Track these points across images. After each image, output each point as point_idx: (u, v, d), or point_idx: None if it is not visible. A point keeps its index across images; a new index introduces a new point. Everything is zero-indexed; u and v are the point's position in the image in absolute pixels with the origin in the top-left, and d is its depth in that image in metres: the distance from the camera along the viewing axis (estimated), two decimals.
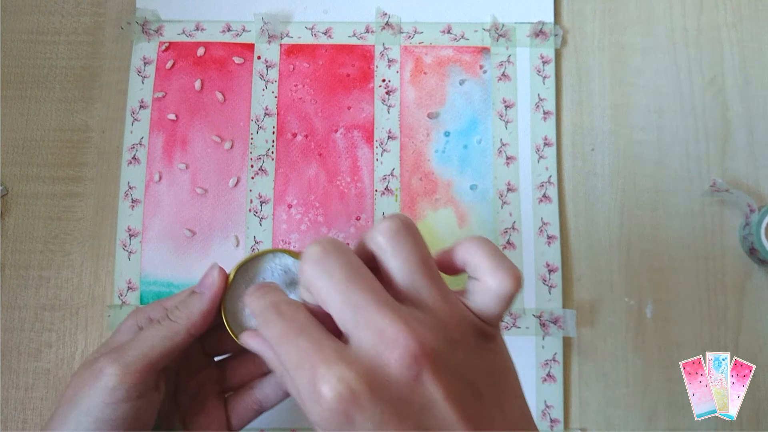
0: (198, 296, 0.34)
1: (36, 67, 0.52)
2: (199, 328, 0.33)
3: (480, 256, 0.27)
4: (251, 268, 0.36)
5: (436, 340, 0.24)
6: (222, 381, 0.37)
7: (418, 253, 0.26)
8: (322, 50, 0.52)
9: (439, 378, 0.23)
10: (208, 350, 0.38)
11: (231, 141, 0.50)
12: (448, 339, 0.25)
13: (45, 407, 0.47)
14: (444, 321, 0.25)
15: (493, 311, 0.27)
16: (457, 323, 0.26)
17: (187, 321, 0.33)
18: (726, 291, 0.49)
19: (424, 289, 0.26)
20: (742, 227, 0.49)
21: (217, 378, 0.37)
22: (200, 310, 0.33)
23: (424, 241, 0.27)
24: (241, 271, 0.35)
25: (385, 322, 0.23)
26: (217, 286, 0.34)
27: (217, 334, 0.36)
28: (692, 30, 0.52)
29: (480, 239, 0.27)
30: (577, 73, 0.52)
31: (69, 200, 0.50)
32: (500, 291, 0.26)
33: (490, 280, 0.26)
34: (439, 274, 0.27)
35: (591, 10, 0.53)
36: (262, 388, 0.36)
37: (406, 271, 0.26)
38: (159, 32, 0.52)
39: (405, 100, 0.51)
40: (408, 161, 0.50)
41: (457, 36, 0.52)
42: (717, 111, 0.51)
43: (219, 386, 0.37)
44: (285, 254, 0.36)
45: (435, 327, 0.25)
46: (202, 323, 0.33)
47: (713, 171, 0.50)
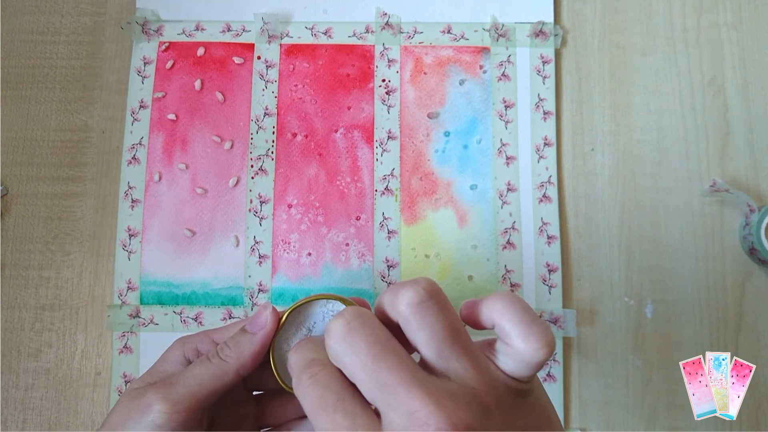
0: (250, 336, 0.33)
1: (36, 67, 0.52)
2: (248, 369, 0.33)
3: (510, 321, 0.26)
4: (303, 312, 0.35)
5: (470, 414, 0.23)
6: (259, 418, 0.37)
7: (445, 323, 0.25)
8: (322, 50, 0.52)
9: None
10: (249, 386, 0.37)
11: (231, 141, 0.50)
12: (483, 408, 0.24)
13: (45, 407, 0.47)
14: (477, 390, 0.25)
15: (525, 374, 0.26)
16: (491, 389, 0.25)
17: (237, 361, 0.33)
18: (726, 291, 0.49)
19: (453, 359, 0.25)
20: (742, 227, 0.49)
21: (255, 415, 0.37)
22: (251, 351, 0.33)
23: (451, 307, 0.26)
24: (293, 314, 0.35)
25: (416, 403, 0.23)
26: (270, 328, 0.33)
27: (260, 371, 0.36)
28: (692, 30, 0.52)
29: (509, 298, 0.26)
30: (577, 73, 0.52)
31: (69, 200, 0.50)
32: (532, 359, 0.25)
33: (522, 347, 0.25)
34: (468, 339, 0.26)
35: (591, 10, 0.53)
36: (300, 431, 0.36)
37: (434, 343, 0.25)
38: (159, 32, 0.52)
39: (405, 100, 0.51)
40: (408, 161, 0.50)
41: (457, 36, 0.52)
42: (717, 111, 0.51)
43: (256, 423, 0.37)
44: (337, 301, 0.35)
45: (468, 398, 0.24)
46: (252, 364, 0.33)
47: (713, 171, 0.50)
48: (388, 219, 0.49)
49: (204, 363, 0.33)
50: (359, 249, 0.49)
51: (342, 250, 0.49)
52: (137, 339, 0.48)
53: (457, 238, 0.49)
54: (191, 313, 0.48)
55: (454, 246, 0.49)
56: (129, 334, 0.48)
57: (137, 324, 0.48)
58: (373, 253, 0.49)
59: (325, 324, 0.35)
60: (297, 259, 0.49)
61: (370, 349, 0.24)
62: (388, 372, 0.24)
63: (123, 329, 0.48)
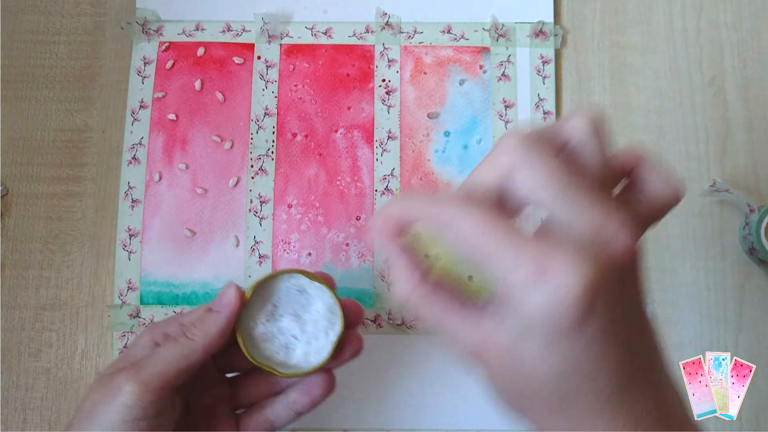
0: (215, 315, 0.34)
1: (36, 67, 0.52)
2: (215, 346, 0.34)
3: (651, 166, 0.26)
4: (267, 288, 0.36)
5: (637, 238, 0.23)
6: (234, 398, 0.37)
7: (553, 168, 0.23)
8: (322, 50, 0.52)
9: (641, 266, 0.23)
10: (221, 367, 0.38)
11: (231, 141, 0.50)
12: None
13: (45, 407, 0.47)
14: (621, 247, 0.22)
15: (657, 218, 0.27)
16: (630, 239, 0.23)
17: (203, 339, 0.33)
18: (726, 291, 0.49)
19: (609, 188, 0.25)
20: (742, 227, 0.49)
21: (229, 395, 0.37)
22: (217, 329, 0.34)
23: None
24: (258, 291, 0.36)
25: (607, 217, 0.22)
26: (234, 305, 0.34)
27: (231, 352, 0.36)
28: (692, 30, 0.52)
29: (644, 150, 0.26)
30: (577, 73, 0.52)
31: (69, 200, 0.50)
32: (670, 199, 0.26)
33: (662, 187, 0.26)
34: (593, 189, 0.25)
35: (591, 10, 0.53)
36: (274, 407, 0.36)
37: (602, 162, 0.24)
38: (159, 32, 0.52)
39: (405, 100, 0.51)
40: (408, 161, 0.50)
41: (457, 36, 0.52)
42: (717, 111, 0.51)
43: (230, 404, 0.37)
44: (300, 275, 0.36)
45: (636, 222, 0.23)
46: (218, 342, 0.34)
47: (713, 171, 0.50)
48: None
49: (171, 343, 0.33)
50: (359, 249, 0.49)
51: (342, 250, 0.49)
52: None
53: None
54: None
55: (454, 246, 0.49)
56: (129, 334, 0.48)
57: (137, 324, 0.48)
58: (373, 253, 0.49)
59: (290, 300, 0.36)
60: (297, 259, 0.49)
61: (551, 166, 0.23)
62: (578, 187, 0.22)
63: (123, 329, 0.48)
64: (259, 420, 0.36)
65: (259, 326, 0.36)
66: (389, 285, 0.34)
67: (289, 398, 0.36)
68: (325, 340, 0.36)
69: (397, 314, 0.48)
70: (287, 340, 0.36)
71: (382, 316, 0.48)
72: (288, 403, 0.36)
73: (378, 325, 0.48)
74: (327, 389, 0.36)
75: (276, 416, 0.36)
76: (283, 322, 0.36)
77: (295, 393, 0.36)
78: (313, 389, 0.36)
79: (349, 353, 0.36)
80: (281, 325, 0.36)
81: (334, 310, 0.36)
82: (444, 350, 0.47)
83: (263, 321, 0.36)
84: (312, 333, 0.36)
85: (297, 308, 0.36)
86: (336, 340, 0.35)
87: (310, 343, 0.36)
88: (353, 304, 0.37)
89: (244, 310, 0.35)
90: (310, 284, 0.36)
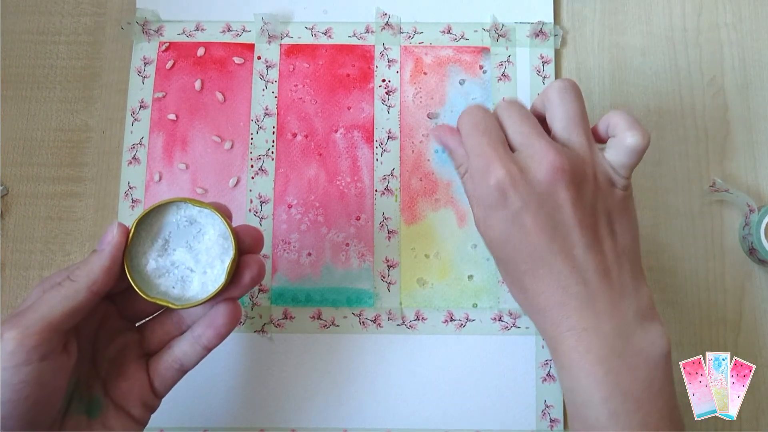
0: (98, 253, 0.34)
1: (36, 67, 0.52)
2: (101, 285, 0.33)
3: (620, 117, 0.36)
4: (155, 223, 0.35)
5: (574, 167, 0.35)
6: (143, 344, 0.37)
7: (577, 107, 0.37)
8: (322, 50, 0.52)
9: (569, 190, 0.34)
10: (129, 316, 0.37)
11: (231, 141, 0.50)
12: (584, 172, 0.35)
13: None
14: (584, 159, 0.35)
15: (626, 162, 0.36)
16: (594, 165, 0.36)
17: (87, 279, 0.33)
18: (726, 291, 0.49)
19: (574, 136, 0.36)
20: (742, 227, 0.49)
21: (138, 342, 0.37)
22: (100, 267, 0.33)
23: (584, 103, 0.37)
24: (145, 227, 0.35)
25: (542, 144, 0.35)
26: (117, 241, 0.34)
27: (133, 298, 0.36)
28: (692, 30, 0.52)
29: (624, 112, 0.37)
30: (577, 74, 0.52)
31: (69, 200, 0.50)
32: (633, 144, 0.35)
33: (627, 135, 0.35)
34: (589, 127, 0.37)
35: (591, 11, 0.53)
36: (181, 345, 0.36)
37: (565, 119, 0.36)
38: (159, 32, 0.52)
39: (405, 100, 0.51)
40: (408, 161, 0.50)
41: (457, 36, 0.52)
42: (717, 111, 0.51)
43: (140, 350, 0.37)
44: (188, 203, 0.35)
45: (577, 160, 0.35)
46: (104, 280, 0.33)
47: (713, 171, 0.50)
48: (388, 219, 0.49)
49: (55, 288, 0.33)
50: (359, 249, 0.49)
51: (342, 250, 0.49)
52: None
53: (457, 237, 0.49)
54: None
55: (453, 246, 0.49)
56: None
57: None
58: (373, 253, 0.49)
59: (181, 231, 0.35)
60: (297, 259, 0.49)
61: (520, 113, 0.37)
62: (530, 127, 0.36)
63: None
64: (168, 361, 0.36)
65: (151, 262, 0.35)
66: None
67: (194, 333, 0.36)
68: (221, 268, 0.35)
69: (397, 314, 0.48)
70: (182, 273, 0.35)
71: (382, 316, 0.48)
72: (194, 338, 0.36)
73: (378, 325, 0.48)
74: (231, 318, 0.36)
75: (184, 353, 0.36)
76: (176, 255, 0.35)
77: (200, 327, 0.36)
78: (217, 319, 0.36)
79: (249, 276, 0.36)
80: (174, 258, 0.35)
81: (226, 236, 0.35)
82: (444, 350, 0.47)
83: (155, 256, 0.35)
84: (207, 262, 0.35)
85: (189, 239, 0.35)
86: (230, 264, 0.35)
87: (206, 272, 0.35)
88: (250, 228, 0.37)
89: (134, 247, 0.35)
90: (200, 213, 0.36)
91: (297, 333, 0.48)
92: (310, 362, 0.47)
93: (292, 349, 0.48)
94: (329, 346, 0.48)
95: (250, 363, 0.47)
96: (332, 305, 0.48)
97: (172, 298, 0.35)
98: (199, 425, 0.46)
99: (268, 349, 0.48)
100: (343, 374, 0.47)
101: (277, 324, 0.48)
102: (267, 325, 0.48)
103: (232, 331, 0.37)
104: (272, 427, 0.47)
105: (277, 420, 0.47)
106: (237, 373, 0.47)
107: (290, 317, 0.48)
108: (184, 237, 0.36)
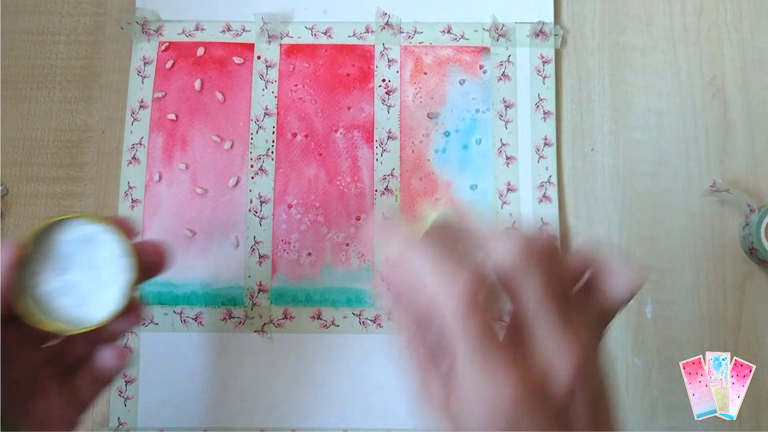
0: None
1: (36, 67, 0.52)
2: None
3: (603, 267, 0.28)
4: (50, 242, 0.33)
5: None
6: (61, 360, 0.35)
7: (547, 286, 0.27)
8: (322, 50, 0.52)
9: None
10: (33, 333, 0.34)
11: (231, 141, 0.50)
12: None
13: None
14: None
15: (623, 302, 0.28)
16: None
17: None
18: (726, 291, 0.49)
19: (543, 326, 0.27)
20: (742, 227, 0.49)
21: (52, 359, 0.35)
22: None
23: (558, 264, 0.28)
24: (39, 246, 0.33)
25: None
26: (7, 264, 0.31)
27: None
28: (692, 30, 0.52)
29: (593, 247, 0.29)
30: (577, 73, 0.52)
31: (69, 200, 0.50)
32: (633, 285, 0.28)
33: (623, 274, 0.28)
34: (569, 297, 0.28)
35: (591, 10, 0.53)
36: (99, 355, 0.35)
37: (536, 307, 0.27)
38: (159, 32, 0.52)
39: (405, 100, 0.51)
40: (408, 161, 0.50)
41: (457, 36, 0.52)
42: (717, 111, 0.51)
43: (57, 367, 0.35)
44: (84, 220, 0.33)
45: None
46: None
47: (713, 171, 0.50)
48: (388, 219, 0.49)
49: None
50: (359, 249, 0.49)
51: (342, 250, 0.49)
52: (137, 339, 0.48)
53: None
54: (191, 313, 0.48)
55: None
56: (129, 334, 0.48)
57: None
58: (373, 253, 0.49)
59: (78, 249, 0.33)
60: (297, 259, 0.49)
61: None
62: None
63: None
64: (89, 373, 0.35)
65: (45, 283, 0.33)
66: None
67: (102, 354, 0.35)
68: (120, 288, 0.33)
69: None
70: (82, 293, 0.33)
71: (382, 316, 0.48)
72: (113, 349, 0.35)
73: (378, 325, 0.48)
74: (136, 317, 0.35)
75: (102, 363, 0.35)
76: (73, 275, 0.33)
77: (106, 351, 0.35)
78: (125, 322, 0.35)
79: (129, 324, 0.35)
80: (70, 278, 0.33)
81: (126, 254, 0.33)
82: None
83: (50, 277, 0.33)
84: (105, 281, 0.34)
85: (86, 258, 0.34)
86: (129, 284, 0.33)
87: (105, 292, 0.33)
88: (153, 245, 0.35)
89: (26, 268, 0.32)
90: (97, 230, 0.34)
91: (297, 333, 0.48)
92: (310, 362, 0.47)
93: (292, 349, 0.48)
94: (329, 346, 0.48)
95: (250, 363, 0.47)
96: (332, 305, 0.48)
97: (70, 321, 0.33)
98: (199, 425, 0.46)
99: (268, 349, 0.48)
100: (343, 374, 0.47)
101: (277, 324, 0.48)
102: (267, 325, 0.48)
103: (232, 331, 0.37)
104: (272, 426, 0.47)
105: (277, 420, 0.47)
106: (237, 373, 0.47)
107: (290, 317, 0.48)
108: (81, 256, 0.33)
